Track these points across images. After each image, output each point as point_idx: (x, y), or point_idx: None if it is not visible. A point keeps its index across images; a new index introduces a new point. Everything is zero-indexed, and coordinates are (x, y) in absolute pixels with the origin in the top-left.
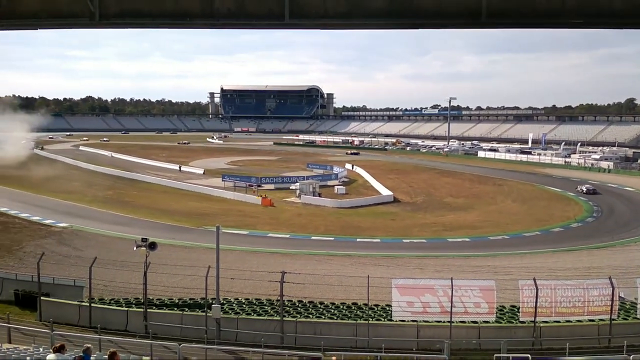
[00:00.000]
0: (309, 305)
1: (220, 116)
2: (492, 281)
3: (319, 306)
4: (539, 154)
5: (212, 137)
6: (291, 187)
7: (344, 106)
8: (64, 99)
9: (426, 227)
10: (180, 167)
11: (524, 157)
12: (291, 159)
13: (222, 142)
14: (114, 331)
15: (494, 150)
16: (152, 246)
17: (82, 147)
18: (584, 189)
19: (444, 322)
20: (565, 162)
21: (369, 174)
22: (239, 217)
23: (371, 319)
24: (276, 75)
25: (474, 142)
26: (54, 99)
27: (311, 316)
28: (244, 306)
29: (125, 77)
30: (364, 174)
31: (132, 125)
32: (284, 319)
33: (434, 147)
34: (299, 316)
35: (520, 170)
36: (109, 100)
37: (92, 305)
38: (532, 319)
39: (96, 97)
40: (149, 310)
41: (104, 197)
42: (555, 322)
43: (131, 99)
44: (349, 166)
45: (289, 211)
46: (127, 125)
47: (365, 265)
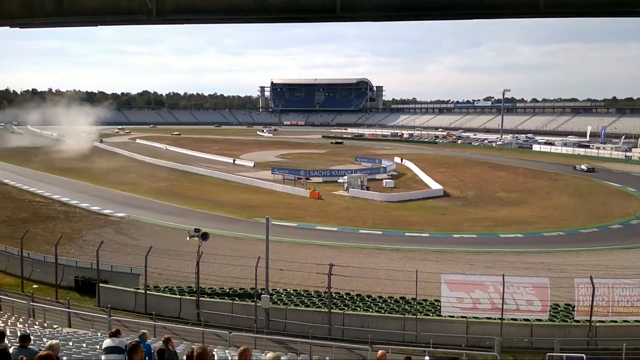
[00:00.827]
0: (356, 298)
1: (270, 109)
2: (545, 278)
3: (367, 299)
4: (598, 148)
5: (262, 131)
6: (339, 181)
7: (393, 99)
8: (122, 93)
9: (477, 222)
10: (234, 160)
11: (581, 151)
12: (339, 152)
13: (271, 135)
14: (168, 318)
15: (550, 143)
16: (205, 236)
17: (138, 140)
18: (584, 167)
19: (495, 319)
20: (625, 156)
21: (419, 167)
22: (288, 210)
23: (419, 314)
24: (325, 68)
25: (528, 135)
26: (112, 93)
27: (358, 309)
28: (293, 297)
29: (179, 71)
30: (414, 168)
31: (186, 118)
32: (332, 311)
33: (486, 140)
34: (346, 309)
35: (577, 164)
36: (163, 94)
37: (148, 292)
38: (588, 318)
39: (152, 92)
40: (201, 298)
41: (158, 189)
42: (612, 322)
43: (185, 93)
44: (397, 160)
45: (337, 204)
46: (180, 119)
47: (413, 259)
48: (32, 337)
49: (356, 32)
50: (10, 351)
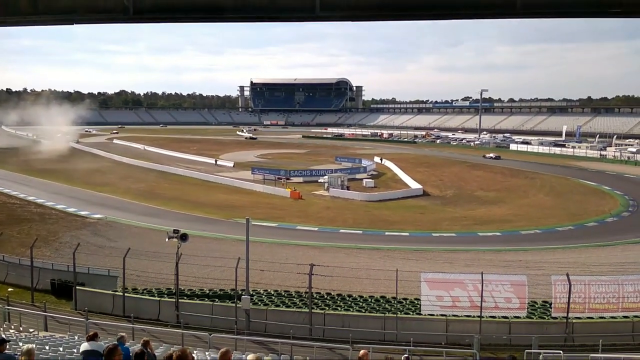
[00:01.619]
0: (337, 297)
1: (249, 109)
2: (523, 276)
3: (347, 299)
4: (573, 147)
5: (242, 130)
6: (320, 180)
7: (373, 99)
8: (98, 92)
9: (456, 221)
10: (216, 161)
11: (557, 150)
12: (320, 152)
13: (251, 135)
14: (147, 320)
15: (527, 143)
16: (184, 237)
17: (115, 140)
18: (492, 155)
19: (474, 316)
20: (600, 155)
21: (398, 167)
22: (268, 210)
23: (400, 313)
24: (305, 67)
25: (506, 134)
26: (89, 92)
27: (339, 309)
28: (273, 298)
29: (157, 70)
30: (393, 167)
31: (164, 118)
32: (313, 311)
33: (464, 140)
34: (327, 309)
35: (553, 163)
36: (141, 94)
37: (126, 295)
38: (565, 315)
39: (129, 91)
40: (180, 300)
41: (136, 190)
42: (588, 318)
43: (163, 93)
44: (377, 159)
45: (318, 204)
46: (159, 118)
47: (393, 258)
48: (7, 341)
49: (336, 32)
50: None
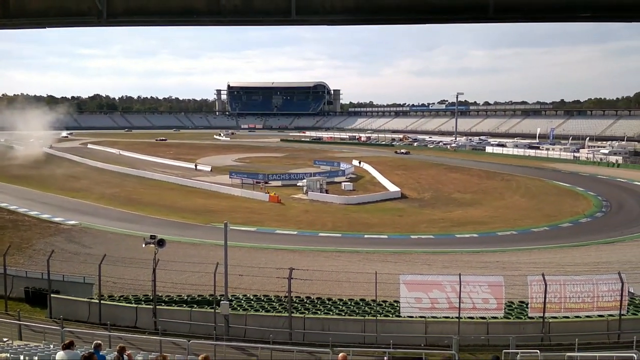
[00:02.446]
0: (317, 301)
1: (227, 113)
2: (500, 277)
3: (327, 302)
4: (547, 149)
5: (220, 134)
6: (298, 184)
7: (350, 102)
8: (72, 97)
9: (434, 223)
10: (196, 165)
11: (532, 152)
12: (298, 156)
13: (229, 139)
14: (124, 328)
15: (502, 145)
16: (161, 243)
17: (89, 145)
18: (403, 151)
19: (452, 317)
20: (574, 156)
21: (376, 170)
22: (247, 214)
23: (379, 315)
24: (283, 71)
25: (481, 137)
26: (62, 97)
27: (319, 312)
28: (253, 302)
29: (132, 74)
30: (371, 170)
31: (140, 122)
32: (292, 315)
33: (441, 143)
34: (307, 312)
35: (528, 165)
36: (116, 98)
37: (102, 302)
38: (541, 315)
39: (104, 95)
40: (158, 307)
41: (111, 195)
42: (564, 317)
43: (138, 97)
44: (356, 162)
45: (296, 208)
46: (134, 122)
47: (373, 261)
48: None
49: (313, 36)
50: None
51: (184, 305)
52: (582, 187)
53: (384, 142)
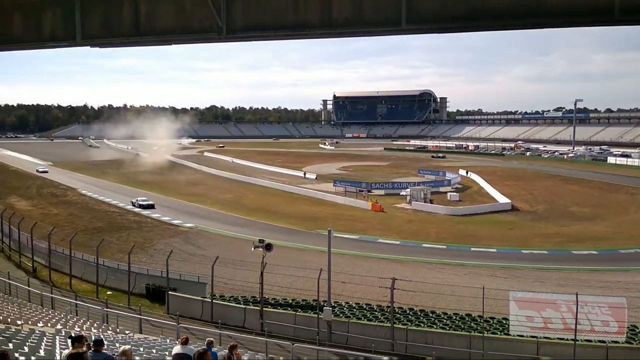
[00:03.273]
0: (419, 313)
1: (332, 122)
2: (622, 298)
3: (431, 315)
4: None
5: (325, 143)
6: (401, 193)
7: (457, 110)
8: (191, 108)
9: (548, 237)
10: (304, 174)
11: None
12: (401, 165)
13: (333, 147)
14: (233, 327)
15: (626, 155)
16: (269, 247)
17: (206, 153)
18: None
19: (567, 340)
20: None
21: (485, 180)
22: (350, 222)
23: (486, 332)
24: (388, 80)
25: (602, 147)
26: (182, 108)
27: (422, 325)
28: (355, 310)
29: (245, 86)
30: (479, 181)
31: (251, 132)
32: (395, 325)
33: (557, 153)
34: (409, 324)
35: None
36: (230, 108)
37: (214, 301)
38: None
39: (219, 106)
40: (264, 309)
41: (224, 200)
42: None
43: (250, 107)
44: (462, 172)
45: (399, 217)
46: (246, 132)
47: (479, 275)
48: (105, 342)
49: (420, 43)
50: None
51: (289, 308)
52: None
53: (493, 151)
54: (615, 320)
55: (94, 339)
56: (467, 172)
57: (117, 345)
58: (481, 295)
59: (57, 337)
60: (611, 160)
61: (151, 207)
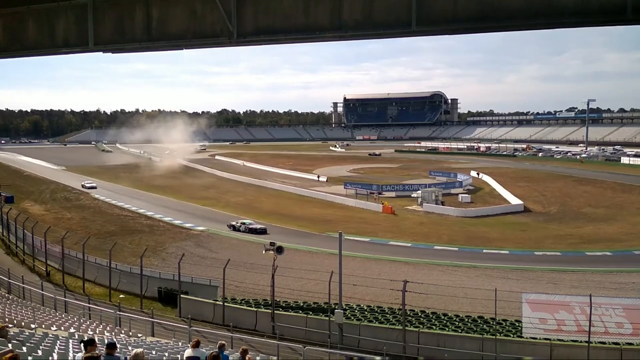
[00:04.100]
0: (431, 316)
1: (342, 125)
2: (637, 300)
3: (443, 317)
4: None
5: (335, 146)
6: (413, 195)
7: (469, 111)
8: (202, 112)
9: (561, 239)
10: (318, 177)
11: None
12: (412, 167)
13: (344, 150)
14: (244, 330)
15: None
16: (280, 250)
17: (217, 157)
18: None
19: (581, 342)
20: None
21: (497, 181)
22: (361, 224)
23: (499, 335)
24: (399, 82)
25: (616, 147)
26: (194, 112)
27: (434, 327)
28: (366, 313)
29: (255, 89)
30: (491, 182)
31: (261, 135)
32: (406, 328)
33: (569, 153)
34: (421, 327)
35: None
36: (241, 112)
37: (225, 304)
38: None
39: (230, 110)
40: (275, 312)
41: (235, 203)
42: None
43: (261, 111)
44: (474, 173)
45: (411, 219)
46: (256, 135)
47: (492, 277)
48: (118, 345)
49: (431, 45)
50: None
51: (300, 311)
52: None
53: (505, 153)
54: (629, 322)
55: (106, 342)
56: (478, 174)
57: (130, 348)
58: (493, 297)
59: (71, 340)
60: (624, 160)
61: (264, 232)
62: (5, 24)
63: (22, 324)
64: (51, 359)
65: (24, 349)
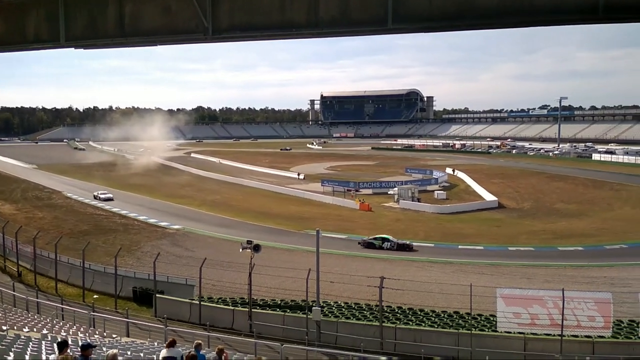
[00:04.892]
0: (408, 312)
1: (319, 122)
2: (608, 293)
3: (419, 313)
4: None
5: (312, 143)
6: (389, 192)
7: (444, 109)
8: (177, 109)
9: (534, 234)
10: (299, 175)
11: None
12: (389, 164)
13: (321, 147)
14: (221, 329)
15: (611, 152)
16: (257, 248)
17: (193, 155)
18: None
19: (554, 335)
20: None
21: (472, 178)
22: (338, 222)
23: (474, 329)
24: (376, 80)
25: (587, 144)
26: (169, 109)
27: (411, 323)
28: (343, 310)
29: (232, 87)
30: (466, 179)
31: (238, 132)
32: (384, 324)
33: (542, 150)
34: (398, 322)
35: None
36: (217, 109)
37: (202, 303)
38: None
39: (206, 107)
40: (253, 310)
41: (212, 201)
42: None
43: (237, 108)
44: (449, 170)
45: (387, 216)
46: (233, 133)
47: (467, 273)
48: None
49: (407, 43)
50: None
51: (278, 309)
52: None
53: (480, 150)
54: (601, 315)
55: (80, 343)
56: (454, 171)
57: (104, 349)
58: (469, 292)
59: (44, 342)
60: (596, 157)
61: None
62: None
63: None
64: None
65: None
